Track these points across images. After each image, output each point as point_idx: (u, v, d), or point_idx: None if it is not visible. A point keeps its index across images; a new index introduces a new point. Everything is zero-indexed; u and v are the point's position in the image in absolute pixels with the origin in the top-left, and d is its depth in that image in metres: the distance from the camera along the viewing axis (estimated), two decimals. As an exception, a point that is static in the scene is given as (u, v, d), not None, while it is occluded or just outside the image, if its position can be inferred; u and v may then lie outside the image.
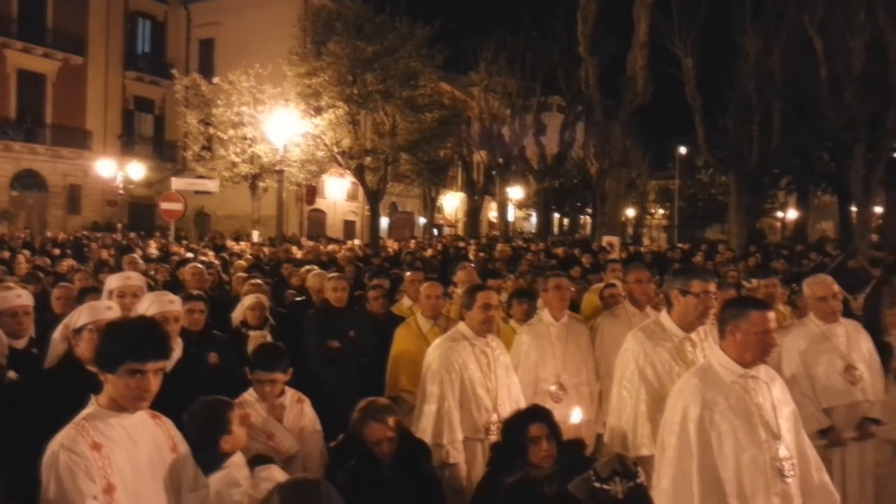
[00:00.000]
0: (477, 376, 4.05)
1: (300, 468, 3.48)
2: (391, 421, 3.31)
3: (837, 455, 4.26)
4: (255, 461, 3.07)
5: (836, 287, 4.54)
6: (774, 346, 3.09)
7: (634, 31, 20.74)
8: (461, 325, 4.21)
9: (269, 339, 5.36)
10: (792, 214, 40.30)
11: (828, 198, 37.20)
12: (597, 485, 2.60)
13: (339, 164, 24.80)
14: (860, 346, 4.47)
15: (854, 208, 23.97)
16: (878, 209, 27.99)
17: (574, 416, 3.90)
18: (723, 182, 32.74)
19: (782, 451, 2.98)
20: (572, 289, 5.27)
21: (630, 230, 45.72)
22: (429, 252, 16.97)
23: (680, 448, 2.99)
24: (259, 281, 6.88)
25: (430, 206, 39.18)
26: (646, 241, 39.78)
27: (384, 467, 3.26)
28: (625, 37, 22.16)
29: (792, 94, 23.16)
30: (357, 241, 25.91)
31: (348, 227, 37.13)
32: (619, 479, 2.58)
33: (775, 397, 3.08)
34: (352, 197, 36.74)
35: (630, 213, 45.79)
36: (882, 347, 4.66)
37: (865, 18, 19.99)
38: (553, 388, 4.51)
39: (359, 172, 23.93)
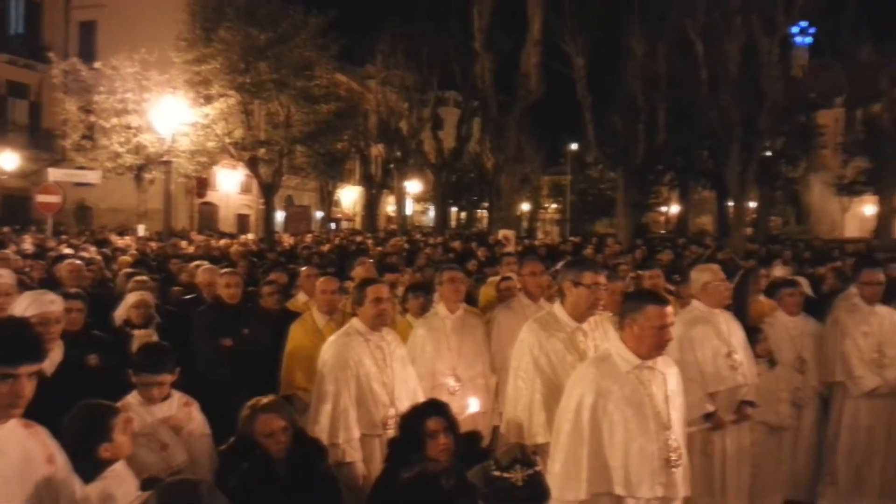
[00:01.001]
0: (373, 371, 4.03)
1: (188, 475, 3.33)
2: (283, 412, 3.22)
3: (719, 437, 4.51)
4: (147, 484, 2.84)
5: (720, 273, 4.82)
6: (670, 339, 3.22)
7: (528, 29, 21.17)
8: (355, 321, 4.17)
9: (154, 338, 5.11)
10: (674, 209, 42.46)
11: (707, 193, 39.35)
12: (496, 473, 2.63)
13: (232, 156, 24.04)
14: (737, 332, 4.76)
15: (730, 203, 25.47)
16: (752, 204, 29.93)
17: (471, 405, 3.95)
18: (611, 178, 33.99)
19: (671, 441, 3.11)
20: (467, 282, 5.33)
21: (525, 224, 46.75)
22: (326, 246, 16.71)
23: (572, 435, 3.08)
24: (144, 277, 6.55)
25: (327, 200, 38.63)
26: (540, 235, 40.84)
27: (278, 468, 3.18)
28: (519, 34, 22.63)
29: (675, 95, 24.32)
30: (251, 236, 25.18)
31: (242, 221, 36.06)
32: (519, 466, 2.62)
33: (669, 388, 3.20)
34: (245, 190, 35.69)
35: (525, 207, 46.80)
36: (750, 332, 5.00)
37: (741, 23, 21.25)
38: (449, 380, 4.55)
39: (252, 164, 23.29)
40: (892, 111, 25.62)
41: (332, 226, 37.51)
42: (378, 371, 4.05)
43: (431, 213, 41.53)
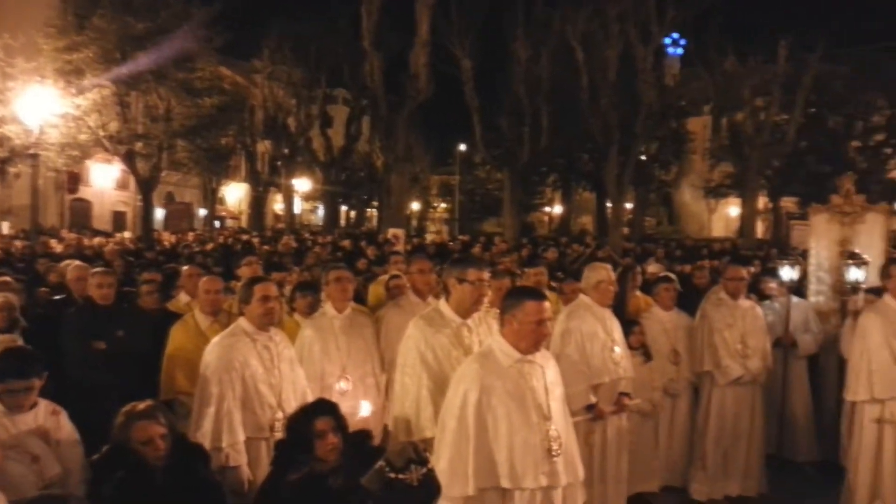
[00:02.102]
0: (259, 372, 3.92)
1: (59, 487, 3.13)
2: (161, 418, 3.09)
3: (599, 426, 4.75)
4: None
5: (612, 273, 5.05)
6: (548, 334, 3.34)
7: (417, 30, 21.28)
8: (241, 321, 4.05)
9: (19, 342, 4.76)
10: (558, 209, 43.91)
11: (588, 194, 40.91)
12: (392, 475, 2.61)
13: (106, 150, 22.69)
14: (617, 328, 5.01)
15: (609, 204, 26.61)
16: (629, 205, 31.38)
17: (363, 409, 3.93)
18: (498, 178, 34.73)
19: (552, 432, 3.20)
20: (355, 281, 5.30)
21: (415, 223, 46.94)
22: (209, 245, 16.13)
23: (458, 431, 3.13)
24: (8, 278, 6.10)
25: (211, 197, 37.25)
26: (430, 233, 41.11)
27: (156, 476, 3.04)
28: (408, 34, 22.70)
29: (558, 99, 25.15)
30: (128, 234, 23.93)
31: (118, 218, 34.20)
32: (414, 466, 2.62)
33: (548, 380, 3.30)
34: (122, 186, 33.87)
35: (415, 206, 47.00)
36: (627, 325, 5.27)
37: (619, 32, 22.26)
38: (339, 381, 4.51)
39: (129, 159, 22.08)
40: (754, 119, 27.58)
41: (217, 224, 36.22)
42: (265, 372, 3.95)
43: (321, 211, 40.89)
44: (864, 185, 23.21)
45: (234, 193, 43.62)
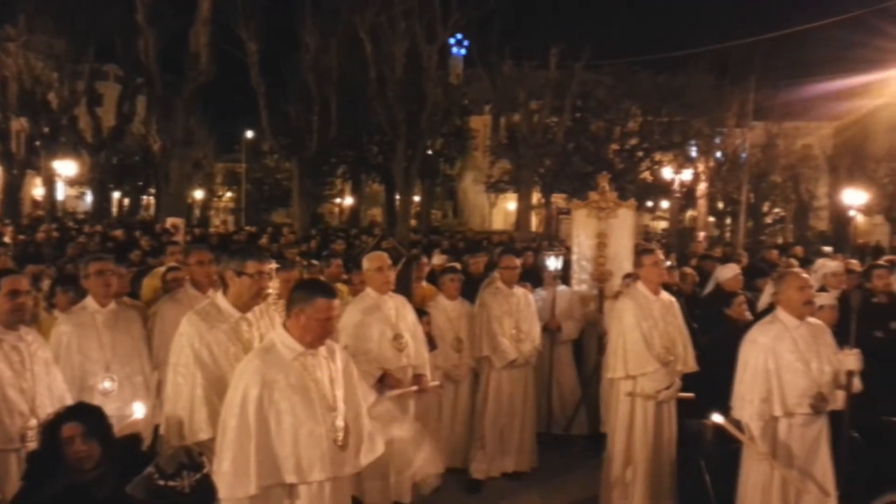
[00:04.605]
0: (7, 376, 3.47)
1: None
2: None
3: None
4: None
5: (389, 261, 5.16)
6: (333, 329, 3.32)
7: (198, 7, 20.14)
8: (-16, 320, 3.57)
9: None
10: (349, 201, 43.94)
11: (377, 186, 41.34)
12: (161, 482, 2.44)
13: None
14: (406, 317, 5.12)
15: (398, 197, 27.12)
16: (417, 198, 32.24)
17: (137, 411, 3.66)
18: (287, 168, 33.95)
19: (339, 422, 3.20)
20: (123, 273, 4.92)
21: (197, 212, 44.53)
22: (-53, 234, 14.07)
23: (239, 430, 3.02)
24: None
25: (-50, 180, 32.47)
26: (215, 224, 39.19)
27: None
28: (189, 11, 21.41)
29: (348, 90, 25.10)
30: None
31: None
32: (186, 472, 2.47)
33: (334, 371, 3.28)
34: None
35: (198, 194, 44.59)
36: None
37: (406, 29, 22.71)
38: (103, 381, 4.14)
39: None
40: (529, 121, 29.54)
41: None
42: (14, 376, 3.51)
43: (89, 198, 37.28)
44: (620, 184, 25.88)
45: (-18, 176, 38.39)
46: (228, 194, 50.03)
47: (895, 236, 39.46)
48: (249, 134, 42.66)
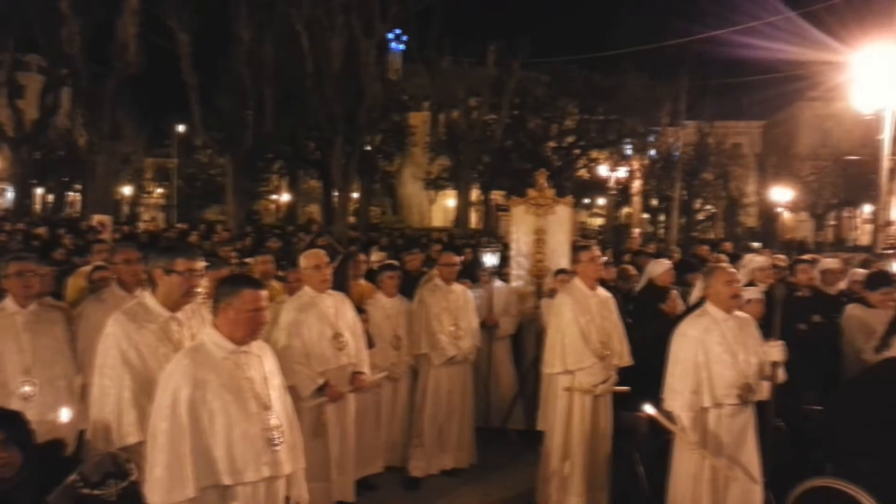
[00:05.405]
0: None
1: None
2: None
3: (332, 408, 4.85)
4: None
5: (327, 258, 5.09)
6: (265, 323, 3.24)
7: (126, -4, 19.50)
8: None
9: None
10: (285, 197, 43.29)
11: (315, 183, 40.89)
12: (86, 491, 2.34)
13: None
14: (346, 314, 5.07)
15: (335, 193, 26.88)
16: (356, 195, 31.98)
17: (62, 415, 3.51)
18: (221, 163, 33.20)
19: (273, 421, 3.13)
20: (46, 272, 4.71)
21: (126, 209, 43.16)
22: None
23: (171, 432, 2.92)
24: None
25: None
26: (144, 221, 38.05)
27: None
28: (116, 0, 20.72)
29: (284, 83, 24.66)
30: None
31: None
32: (113, 480, 2.39)
33: (266, 370, 3.21)
34: None
35: (126, 191, 43.21)
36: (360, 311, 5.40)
37: (343, 23, 22.48)
38: (22, 385, 3.95)
39: None
40: (467, 118, 29.71)
41: None
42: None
43: (10, 194, 35.66)
44: (557, 181, 26.29)
45: None
46: (159, 190, 48.67)
47: (820, 232, 41.31)
48: (181, 128, 41.54)
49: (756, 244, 17.35)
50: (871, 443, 4.01)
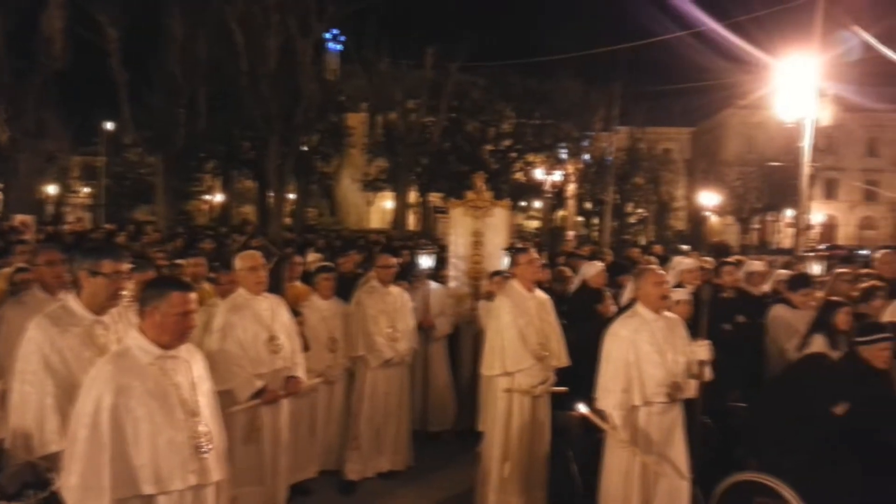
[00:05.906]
0: None
1: None
2: None
3: (267, 416, 4.75)
4: None
5: (263, 259, 4.99)
6: (193, 327, 3.15)
7: (51, -11, 18.77)
8: None
9: None
10: (219, 198, 42.34)
11: (249, 183, 40.13)
12: (2, 503, 2.25)
13: None
14: (281, 317, 4.97)
15: (271, 194, 26.45)
16: (292, 196, 31.54)
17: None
18: (151, 162, 32.26)
19: (201, 427, 3.06)
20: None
21: (51, 209, 41.45)
22: None
23: (91, 441, 2.82)
24: None
25: None
26: (70, 221, 36.62)
27: None
28: (40, -7, 19.94)
29: (218, 81, 24.13)
30: None
31: None
32: (32, 491, 2.28)
33: (195, 375, 3.14)
34: None
35: (51, 190, 41.50)
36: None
37: (280, 21, 22.13)
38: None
39: None
40: (405, 120, 29.70)
41: None
42: None
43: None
44: (495, 184, 26.52)
45: None
46: (86, 190, 46.95)
47: (745, 235, 42.91)
48: (109, 126, 40.15)
49: (684, 247, 17.87)
50: (792, 439, 4.20)
